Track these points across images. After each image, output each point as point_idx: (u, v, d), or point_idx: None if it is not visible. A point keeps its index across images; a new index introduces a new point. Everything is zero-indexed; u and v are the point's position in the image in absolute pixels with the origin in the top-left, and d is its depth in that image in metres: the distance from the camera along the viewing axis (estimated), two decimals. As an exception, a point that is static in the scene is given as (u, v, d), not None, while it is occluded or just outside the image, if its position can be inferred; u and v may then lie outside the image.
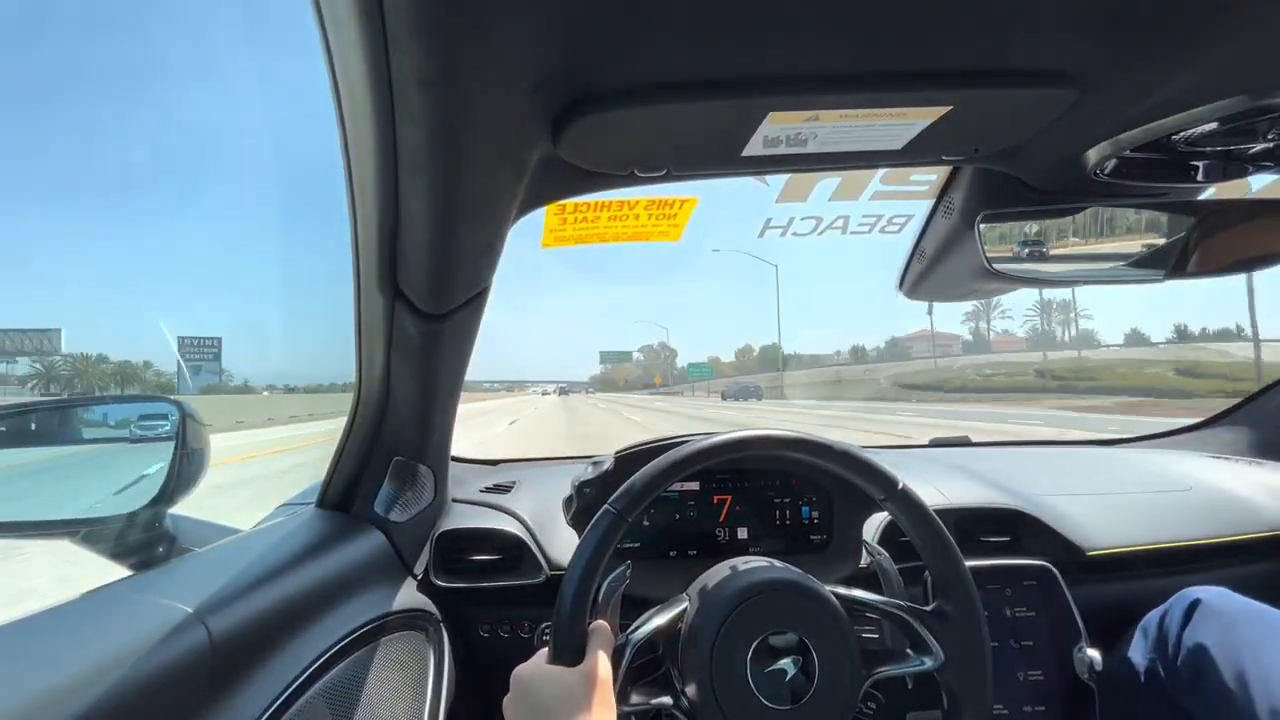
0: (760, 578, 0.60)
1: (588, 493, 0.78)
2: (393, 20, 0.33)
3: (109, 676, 0.41)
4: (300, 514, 0.79)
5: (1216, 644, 0.68)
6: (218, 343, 63.23)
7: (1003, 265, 0.73)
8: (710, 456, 0.61)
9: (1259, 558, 0.98)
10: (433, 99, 0.39)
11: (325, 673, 0.59)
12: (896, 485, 0.62)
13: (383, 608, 0.72)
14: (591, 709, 0.49)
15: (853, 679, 0.57)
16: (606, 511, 0.58)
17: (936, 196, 0.76)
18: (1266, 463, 1.16)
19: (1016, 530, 0.96)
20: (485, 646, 0.89)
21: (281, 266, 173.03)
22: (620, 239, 0.78)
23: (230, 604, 0.53)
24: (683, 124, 0.50)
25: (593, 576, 0.56)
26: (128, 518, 0.62)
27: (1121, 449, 1.39)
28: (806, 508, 0.86)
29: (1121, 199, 0.70)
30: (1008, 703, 0.84)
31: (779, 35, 0.41)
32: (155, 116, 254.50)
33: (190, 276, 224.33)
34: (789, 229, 1.14)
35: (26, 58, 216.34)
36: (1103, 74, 0.47)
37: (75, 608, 0.49)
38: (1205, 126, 0.55)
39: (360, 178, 0.49)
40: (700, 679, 0.55)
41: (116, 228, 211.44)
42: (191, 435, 0.66)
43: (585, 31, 0.39)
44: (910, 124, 0.52)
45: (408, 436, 0.80)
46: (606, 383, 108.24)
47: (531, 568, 0.89)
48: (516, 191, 0.56)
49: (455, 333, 0.68)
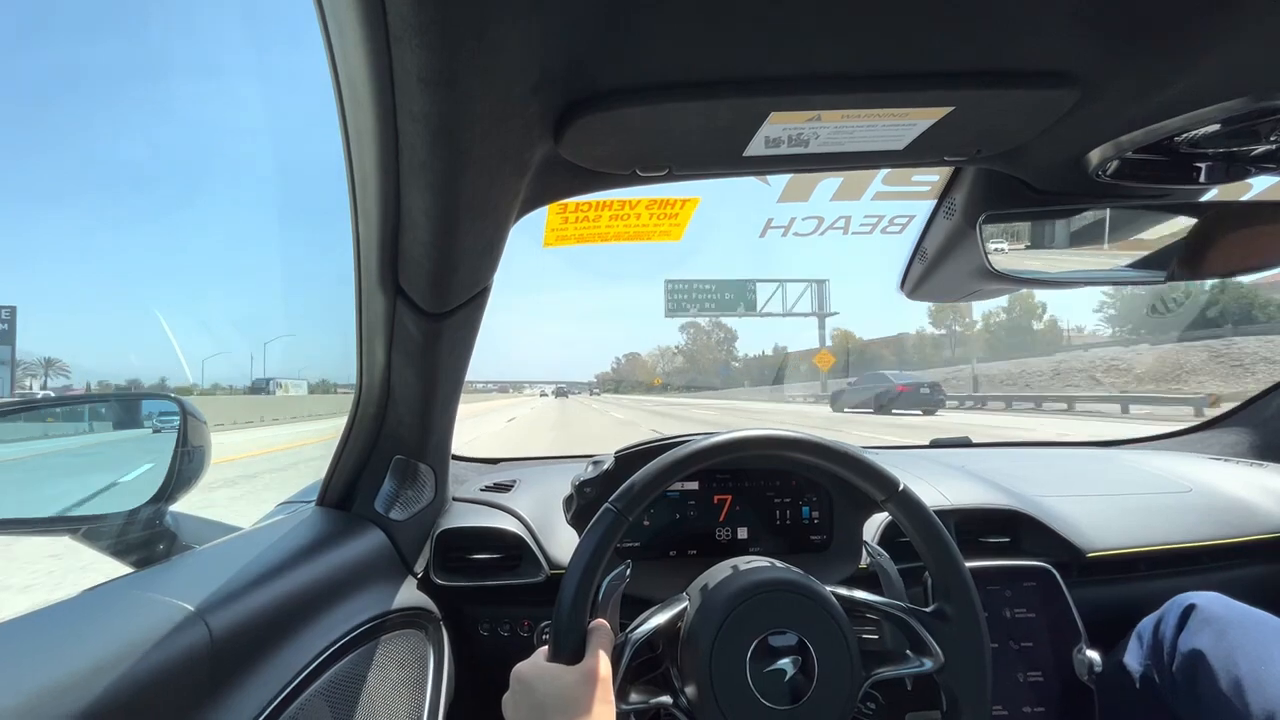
0: (760, 577, 0.60)
1: (588, 492, 0.78)
2: (395, 19, 0.33)
3: (110, 673, 0.41)
4: (301, 512, 0.79)
5: (1211, 650, 0.68)
6: (8, 314, 40.65)
7: (1004, 266, 0.73)
8: (710, 456, 0.61)
9: (1260, 560, 0.98)
10: (434, 98, 0.39)
11: (325, 670, 0.59)
12: (897, 486, 0.62)
13: (383, 606, 0.72)
14: (591, 707, 0.49)
15: (852, 679, 0.57)
16: (607, 510, 0.58)
17: (938, 197, 0.76)
18: (1267, 465, 1.16)
19: (1016, 531, 0.96)
20: (485, 645, 0.90)
21: (283, 265, 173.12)
22: (622, 238, 0.78)
23: (231, 601, 0.53)
24: (684, 124, 0.50)
25: (593, 576, 0.56)
26: (128, 515, 0.62)
27: (1121, 450, 1.39)
28: (807, 508, 0.86)
29: (1123, 200, 0.70)
30: (1007, 704, 0.84)
31: (780, 35, 0.41)
32: (155, 117, 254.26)
33: (190, 276, 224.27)
34: (790, 229, 1.14)
35: (28, 55, 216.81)
36: (1105, 75, 0.47)
37: (76, 604, 0.49)
38: (1207, 128, 0.55)
39: (362, 177, 0.49)
40: (700, 678, 0.55)
41: (116, 226, 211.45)
42: (192, 433, 0.66)
43: (587, 31, 0.39)
44: (912, 124, 0.52)
45: (408, 435, 0.80)
46: (618, 382, 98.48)
47: (532, 567, 0.89)
48: (518, 190, 0.56)
49: (456, 332, 0.68)
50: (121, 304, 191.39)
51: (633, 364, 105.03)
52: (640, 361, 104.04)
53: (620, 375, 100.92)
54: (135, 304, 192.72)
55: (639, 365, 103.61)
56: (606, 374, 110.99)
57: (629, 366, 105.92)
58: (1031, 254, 0.75)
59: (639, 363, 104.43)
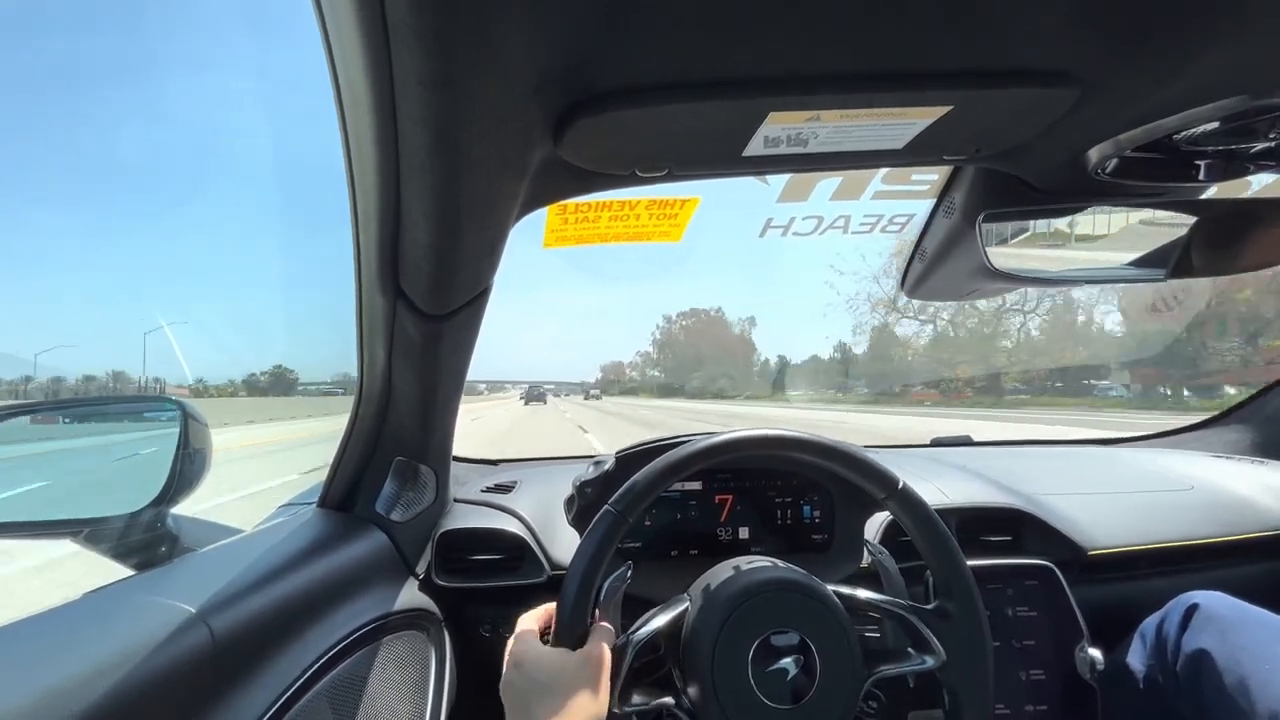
0: (761, 577, 0.60)
1: (589, 492, 0.78)
2: (394, 21, 0.34)
3: (112, 676, 0.41)
4: (302, 514, 0.79)
5: (1215, 649, 0.68)
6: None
7: (1004, 264, 0.73)
8: (710, 456, 0.61)
9: (1261, 557, 0.98)
10: (434, 99, 0.39)
11: (327, 672, 0.59)
12: (897, 484, 0.62)
13: (384, 607, 0.72)
14: (589, 691, 0.49)
15: (854, 678, 0.57)
16: (607, 513, 0.58)
17: (938, 196, 0.76)
18: (1269, 462, 1.16)
19: (1018, 530, 0.96)
20: (487, 646, 0.90)
21: (283, 266, 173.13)
22: (621, 239, 0.78)
23: (232, 604, 0.53)
24: (683, 124, 0.50)
25: (593, 578, 0.56)
26: (130, 518, 0.62)
27: (1123, 448, 1.39)
28: (808, 507, 0.86)
29: (1123, 199, 0.70)
30: (1009, 702, 0.84)
31: (779, 35, 0.41)
32: (155, 117, 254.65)
33: (189, 275, 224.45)
34: (790, 229, 1.14)
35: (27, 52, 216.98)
36: (1104, 74, 0.47)
37: (78, 607, 0.49)
38: (1206, 126, 0.55)
39: (361, 178, 0.49)
40: (702, 679, 0.55)
41: (116, 225, 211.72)
42: (193, 435, 0.66)
43: (586, 33, 0.39)
44: (911, 124, 0.52)
45: (409, 437, 0.81)
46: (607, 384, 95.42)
47: (533, 567, 0.89)
48: (518, 192, 0.56)
49: (456, 333, 0.68)
50: (120, 304, 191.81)
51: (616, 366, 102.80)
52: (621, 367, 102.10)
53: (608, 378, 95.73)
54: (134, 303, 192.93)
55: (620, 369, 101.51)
56: (600, 376, 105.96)
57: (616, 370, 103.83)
58: (1030, 253, 0.75)
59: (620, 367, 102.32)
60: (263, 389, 53.88)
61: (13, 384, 58.10)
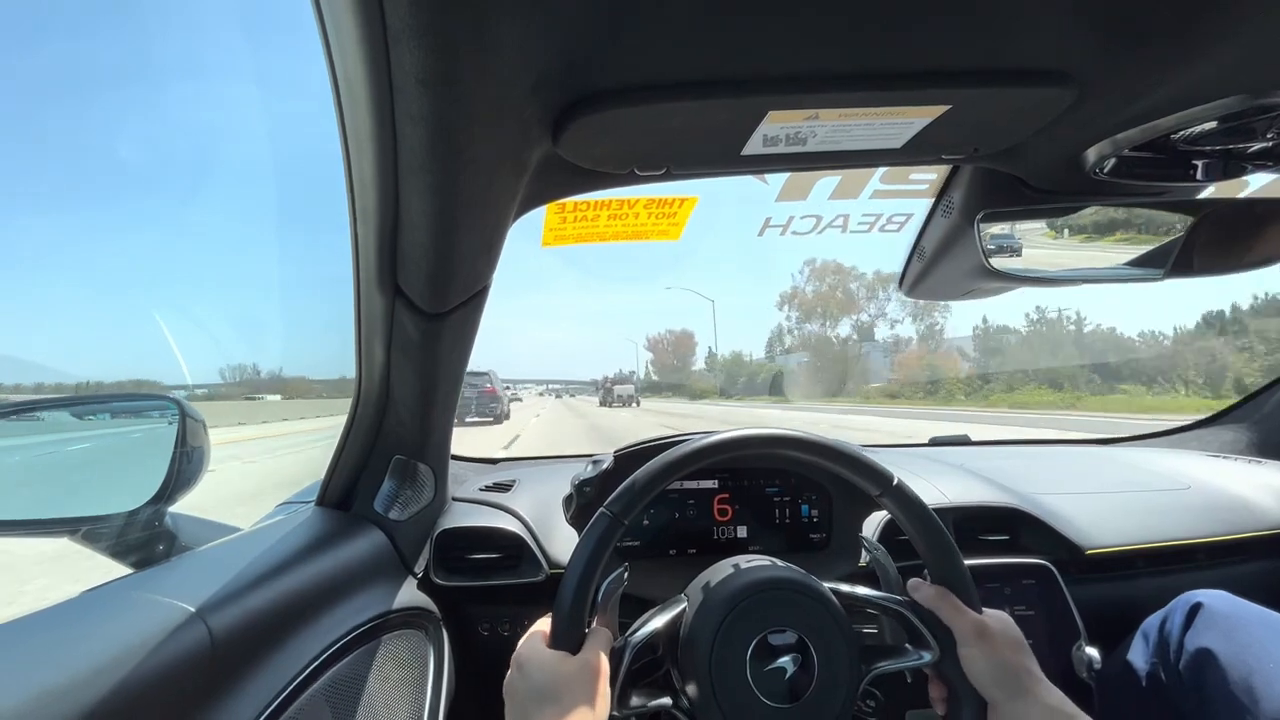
0: (758, 576, 0.60)
1: (588, 491, 0.78)
2: (393, 19, 0.34)
3: (110, 674, 0.41)
4: (300, 512, 0.79)
5: (1220, 648, 0.67)
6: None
7: (1002, 264, 0.73)
8: (707, 456, 0.61)
9: (1258, 556, 0.98)
10: (433, 98, 0.39)
11: (325, 671, 0.59)
12: (891, 480, 0.62)
13: (383, 606, 0.72)
14: (587, 698, 0.49)
15: (851, 676, 0.57)
16: (603, 515, 0.58)
17: (936, 195, 0.77)
18: (1266, 462, 1.16)
19: (1016, 529, 0.96)
20: (485, 645, 0.90)
21: (281, 265, 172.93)
22: (620, 238, 0.78)
23: (231, 602, 0.53)
24: (682, 123, 0.50)
25: (590, 580, 0.56)
26: (128, 516, 0.62)
27: (1120, 448, 1.39)
28: (806, 506, 0.87)
29: (1120, 198, 0.70)
30: None
31: (778, 34, 0.41)
32: (154, 116, 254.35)
33: (189, 275, 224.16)
34: (788, 227, 1.14)
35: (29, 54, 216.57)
36: (1101, 73, 0.47)
37: (76, 606, 0.49)
38: (1204, 125, 0.55)
39: (360, 177, 0.49)
40: (700, 678, 0.55)
41: (116, 226, 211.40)
42: (191, 434, 0.66)
43: (585, 31, 0.39)
44: (909, 123, 0.52)
45: (407, 435, 0.81)
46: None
47: (531, 566, 0.89)
48: (516, 190, 0.56)
49: (455, 331, 0.68)
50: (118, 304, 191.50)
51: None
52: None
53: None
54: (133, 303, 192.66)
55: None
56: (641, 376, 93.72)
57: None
58: (1029, 252, 0.75)
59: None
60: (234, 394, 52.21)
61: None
